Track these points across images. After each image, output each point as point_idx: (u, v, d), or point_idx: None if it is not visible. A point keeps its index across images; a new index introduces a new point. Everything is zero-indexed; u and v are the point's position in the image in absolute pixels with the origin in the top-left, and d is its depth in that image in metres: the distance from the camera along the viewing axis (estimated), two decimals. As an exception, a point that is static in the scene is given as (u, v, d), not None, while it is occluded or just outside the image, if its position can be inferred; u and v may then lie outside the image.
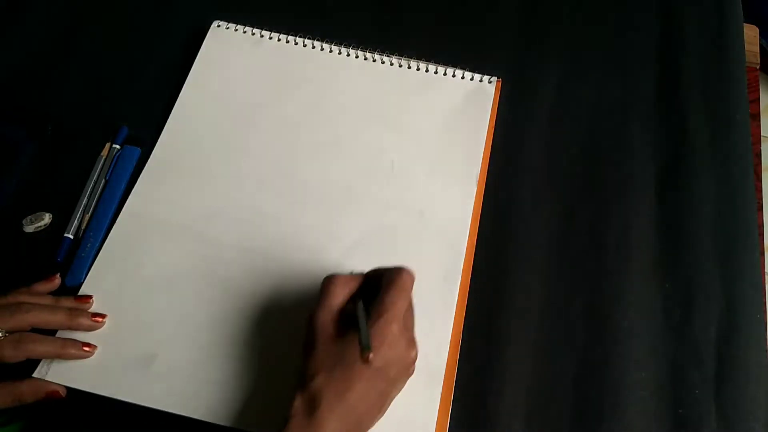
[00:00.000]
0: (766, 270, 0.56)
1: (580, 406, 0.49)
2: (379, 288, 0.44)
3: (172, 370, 0.48)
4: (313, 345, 0.43)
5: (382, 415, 0.44)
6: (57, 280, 0.51)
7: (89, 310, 0.50)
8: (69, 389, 0.47)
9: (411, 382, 0.47)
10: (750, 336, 0.51)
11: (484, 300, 0.52)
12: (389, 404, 0.44)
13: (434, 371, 0.48)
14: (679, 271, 0.54)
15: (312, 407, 0.40)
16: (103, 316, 0.50)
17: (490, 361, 0.50)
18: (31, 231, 0.55)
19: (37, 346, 0.47)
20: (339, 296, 0.44)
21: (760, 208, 0.57)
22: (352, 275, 0.46)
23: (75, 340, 0.48)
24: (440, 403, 0.47)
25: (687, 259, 0.54)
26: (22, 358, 0.46)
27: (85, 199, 0.56)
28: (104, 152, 0.58)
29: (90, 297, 0.51)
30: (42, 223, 0.55)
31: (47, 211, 0.55)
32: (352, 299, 0.45)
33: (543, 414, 0.48)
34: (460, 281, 0.52)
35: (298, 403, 0.41)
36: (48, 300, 0.49)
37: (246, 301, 0.51)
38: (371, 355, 0.39)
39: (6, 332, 0.46)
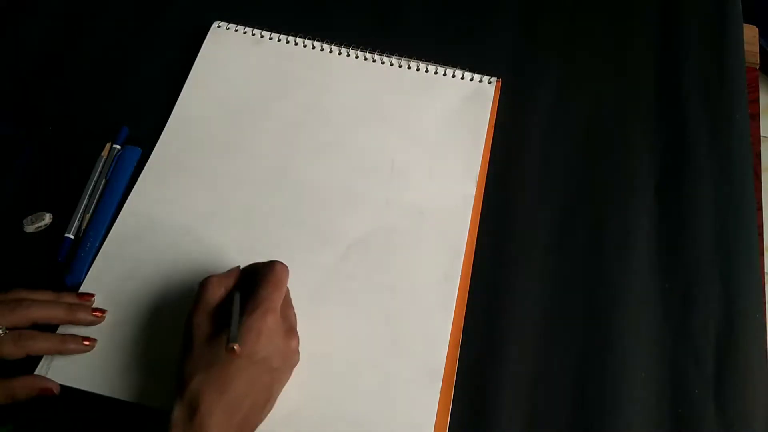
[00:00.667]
0: (766, 270, 0.56)
1: (579, 405, 0.49)
2: (254, 284, 0.44)
3: (171, 370, 0.48)
4: (190, 347, 0.42)
5: (270, 409, 0.43)
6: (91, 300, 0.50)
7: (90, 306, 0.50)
8: (68, 388, 0.47)
9: (410, 381, 0.48)
10: (750, 336, 0.51)
11: (484, 300, 0.52)
12: (276, 396, 0.44)
13: (433, 371, 0.48)
14: (679, 271, 0.54)
15: (192, 411, 0.39)
16: (103, 311, 0.50)
17: (490, 361, 0.50)
18: (31, 231, 0.55)
19: (37, 343, 0.47)
20: (215, 294, 0.44)
21: (760, 208, 0.57)
22: (227, 273, 0.46)
23: (74, 335, 0.48)
24: (440, 402, 0.47)
25: (687, 259, 0.54)
26: (23, 355, 0.46)
27: (86, 199, 0.56)
28: (105, 152, 0.58)
29: (92, 295, 0.51)
30: (42, 223, 0.55)
31: (48, 211, 0.55)
32: (229, 295, 0.45)
33: (543, 414, 0.48)
34: (459, 281, 0.52)
35: (178, 410, 0.39)
36: (48, 296, 0.49)
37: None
38: (236, 347, 0.38)
39: (6, 329, 0.46)
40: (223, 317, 0.43)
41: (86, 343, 0.48)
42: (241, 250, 0.53)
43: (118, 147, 0.58)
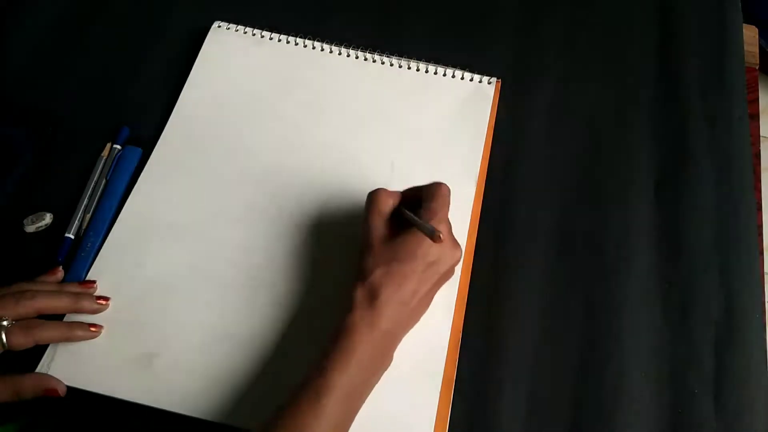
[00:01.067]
0: (766, 270, 0.56)
1: (579, 406, 0.49)
2: (418, 199, 0.48)
3: (171, 368, 0.48)
4: (370, 244, 0.47)
5: (425, 311, 0.48)
6: (60, 273, 0.52)
7: (94, 294, 0.51)
8: (68, 388, 0.47)
9: (409, 381, 0.48)
10: (750, 336, 0.51)
11: (484, 300, 0.52)
12: (431, 301, 0.48)
13: (433, 371, 0.48)
14: (679, 271, 0.54)
15: (372, 297, 0.44)
16: (106, 299, 0.50)
17: (490, 361, 0.50)
18: (32, 231, 0.55)
19: (45, 331, 0.47)
20: (386, 205, 0.49)
21: (760, 208, 0.57)
22: (392, 191, 0.50)
23: (81, 323, 0.49)
24: (440, 402, 0.47)
25: (687, 260, 0.54)
26: (31, 344, 0.46)
27: (86, 199, 0.56)
28: (105, 152, 0.58)
29: (94, 282, 0.51)
30: (43, 223, 0.55)
31: (48, 211, 0.55)
32: (399, 209, 0.49)
33: (543, 414, 0.48)
34: (459, 281, 0.52)
35: (360, 293, 0.45)
36: (52, 286, 0.50)
37: (246, 301, 0.51)
38: (441, 234, 0.43)
39: (13, 320, 0.46)
40: (393, 227, 0.48)
41: (93, 329, 0.49)
42: (241, 249, 0.53)
43: (119, 147, 0.58)
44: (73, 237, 0.54)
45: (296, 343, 0.49)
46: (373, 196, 0.49)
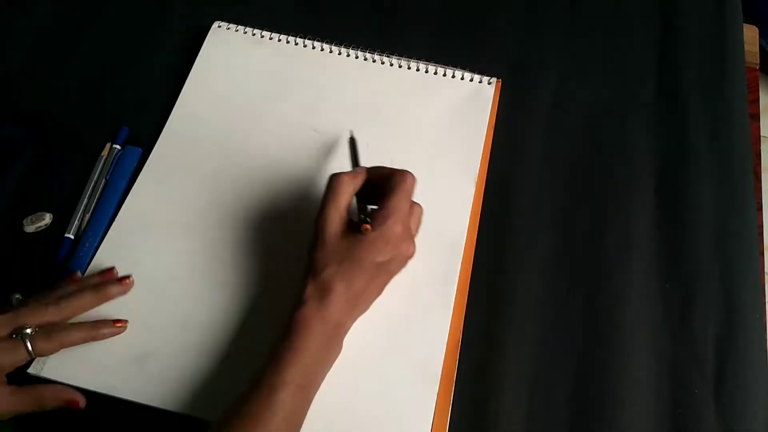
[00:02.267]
0: (766, 270, 0.56)
1: (579, 406, 0.49)
2: (381, 185, 0.48)
3: (168, 368, 0.48)
4: (323, 239, 0.47)
5: (374, 301, 0.48)
6: (78, 276, 0.52)
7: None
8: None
9: (408, 382, 0.48)
10: (750, 336, 0.51)
11: (484, 300, 0.52)
12: (383, 291, 0.48)
13: (431, 372, 0.48)
14: (679, 271, 0.54)
15: (323, 293, 0.45)
16: (127, 277, 0.51)
17: (490, 361, 0.50)
18: (31, 231, 0.55)
19: (70, 334, 0.47)
20: (345, 194, 0.48)
21: (760, 208, 0.57)
22: (355, 172, 0.49)
23: (106, 320, 0.49)
24: (439, 403, 0.47)
25: (687, 259, 0.54)
26: (58, 349, 0.47)
27: (86, 199, 0.56)
28: (105, 152, 0.58)
29: (113, 268, 0.51)
30: (42, 223, 0.55)
31: (47, 212, 0.55)
32: (357, 196, 0.49)
33: (543, 414, 0.48)
34: (458, 281, 0.52)
35: (311, 289, 0.45)
36: (73, 286, 0.50)
37: (244, 300, 0.51)
38: (369, 227, 0.44)
39: (36, 327, 0.46)
40: (352, 213, 0.48)
41: (119, 325, 0.49)
42: (240, 249, 0.53)
43: (118, 147, 0.58)
44: (72, 237, 0.54)
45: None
46: (332, 183, 0.48)
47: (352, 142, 0.54)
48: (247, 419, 0.41)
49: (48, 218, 0.55)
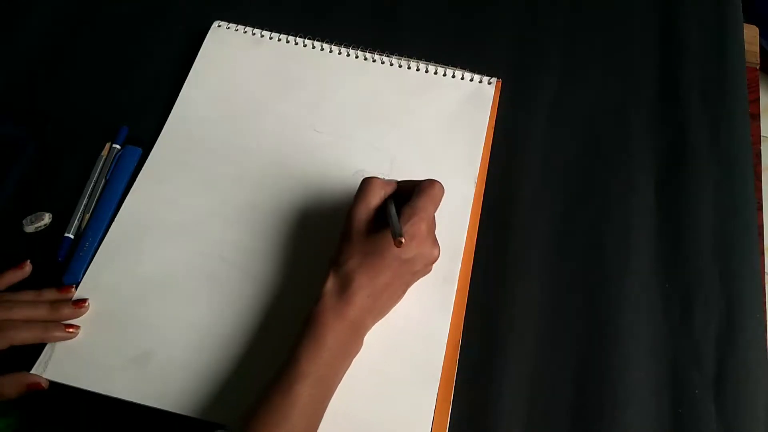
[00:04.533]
0: (766, 270, 0.56)
1: (579, 406, 0.49)
2: (410, 195, 0.48)
3: (168, 368, 0.48)
4: (350, 235, 0.47)
5: (397, 303, 0.48)
6: (27, 267, 0.52)
7: (71, 299, 0.51)
8: (65, 387, 0.47)
9: (408, 382, 0.48)
10: (750, 336, 0.51)
11: (484, 300, 0.52)
12: (404, 293, 0.49)
13: (431, 372, 0.48)
14: (679, 271, 0.54)
15: (344, 286, 0.45)
16: (84, 301, 0.50)
17: (490, 361, 0.50)
18: (31, 231, 0.55)
19: (20, 333, 0.47)
20: (376, 196, 0.48)
21: (760, 208, 0.57)
22: (388, 181, 0.50)
23: (57, 323, 0.49)
24: (440, 403, 0.47)
25: (687, 259, 0.54)
26: (6, 346, 0.46)
27: (86, 199, 0.56)
28: (104, 152, 0.58)
29: (71, 286, 0.51)
30: (42, 223, 0.55)
31: (47, 211, 0.55)
32: (386, 200, 0.48)
33: (543, 414, 0.48)
34: (458, 282, 0.52)
35: (332, 281, 0.46)
36: (30, 296, 0.50)
37: (243, 300, 0.51)
38: (403, 239, 0.43)
39: None
40: (379, 218, 0.47)
41: (70, 330, 0.49)
42: (240, 249, 0.53)
43: (118, 147, 0.58)
44: (72, 237, 0.54)
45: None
46: (365, 184, 0.49)
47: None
48: (267, 411, 0.41)
49: (47, 218, 0.55)
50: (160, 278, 0.52)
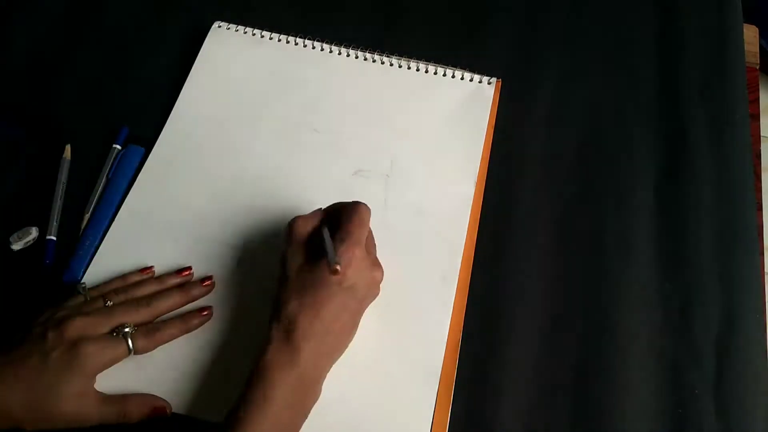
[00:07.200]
0: (766, 270, 0.56)
1: (579, 406, 0.49)
2: (340, 221, 0.46)
3: (166, 368, 0.48)
4: (285, 278, 0.45)
5: (353, 337, 0.46)
6: (152, 272, 0.52)
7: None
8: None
9: (407, 382, 0.48)
10: (750, 336, 0.51)
11: (484, 300, 0.52)
12: (358, 325, 0.46)
13: (430, 372, 0.48)
14: (679, 271, 0.54)
15: (288, 331, 0.42)
16: (209, 277, 0.51)
17: (489, 361, 0.50)
18: (19, 248, 0.54)
19: (166, 331, 0.48)
20: (304, 229, 0.47)
21: (760, 208, 0.57)
22: (312, 213, 0.49)
23: (192, 312, 0.49)
24: (439, 403, 0.47)
25: (687, 259, 0.54)
26: (155, 347, 0.47)
27: (59, 201, 0.55)
28: (66, 154, 0.57)
29: (189, 268, 0.52)
30: (30, 237, 0.54)
31: (45, 213, 0.55)
32: (316, 230, 0.47)
33: (543, 414, 0.48)
34: (457, 281, 0.52)
35: (275, 329, 0.43)
36: (154, 285, 0.50)
37: (243, 300, 0.51)
38: (338, 266, 0.41)
39: (135, 326, 0.47)
40: (312, 250, 0.46)
41: (205, 313, 0.49)
42: (240, 249, 0.53)
43: (119, 147, 0.58)
44: (55, 238, 0.54)
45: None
46: (289, 226, 0.47)
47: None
48: None
49: (34, 232, 0.54)
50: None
